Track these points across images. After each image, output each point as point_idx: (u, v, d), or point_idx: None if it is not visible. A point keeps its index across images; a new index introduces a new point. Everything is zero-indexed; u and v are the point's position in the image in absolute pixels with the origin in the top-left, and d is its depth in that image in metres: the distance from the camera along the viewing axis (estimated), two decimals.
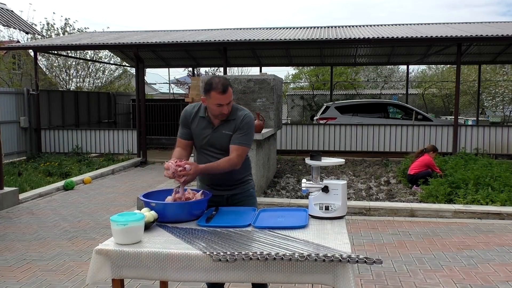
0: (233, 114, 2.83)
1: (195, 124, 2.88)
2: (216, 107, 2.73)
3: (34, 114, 11.74)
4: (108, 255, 2.20)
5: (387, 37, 10.45)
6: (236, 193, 2.95)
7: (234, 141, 2.81)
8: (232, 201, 2.94)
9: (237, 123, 2.82)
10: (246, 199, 2.97)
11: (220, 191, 2.91)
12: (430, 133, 11.15)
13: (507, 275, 4.12)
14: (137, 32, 14.46)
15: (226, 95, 2.71)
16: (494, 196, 6.41)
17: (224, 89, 2.70)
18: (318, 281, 2.11)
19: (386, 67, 29.70)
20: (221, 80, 2.73)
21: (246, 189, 3.00)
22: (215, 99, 2.71)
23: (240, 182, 2.96)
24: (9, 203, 6.78)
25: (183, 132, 2.93)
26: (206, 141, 2.87)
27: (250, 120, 2.86)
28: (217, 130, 2.84)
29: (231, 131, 2.82)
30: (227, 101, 2.73)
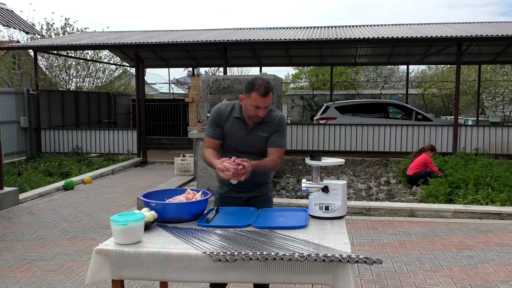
0: (268, 116, 2.80)
1: (229, 124, 2.82)
2: (253, 109, 2.69)
3: (34, 114, 11.74)
4: (108, 255, 2.20)
5: (387, 37, 10.45)
6: (255, 196, 2.92)
7: (273, 143, 2.81)
8: (250, 203, 2.91)
9: (274, 125, 2.81)
10: (264, 202, 2.94)
11: (239, 192, 2.88)
12: (430, 133, 11.15)
13: (507, 275, 4.12)
14: (137, 32, 14.46)
15: (266, 99, 2.66)
16: (494, 196, 6.41)
17: (265, 92, 2.64)
18: (318, 281, 2.11)
19: (386, 67, 29.70)
20: (264, 82, 2.67)
21: (264, 192, 2.98)
22: (254, 100, 2.66)
23: (260, 185, 2.95)
24: (9, 203, 6.78)
25: (215, 132, 2.85)
26: (239, 143, 2.83)
27: (285, 121, 2.88)
28: (252, 132, 2.81)
29: (266, 133, 2.81)
30: (266, 105, 2.69)
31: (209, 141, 2.87)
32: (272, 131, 2.82)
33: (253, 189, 2.91)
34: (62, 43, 12.05)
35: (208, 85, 7.74)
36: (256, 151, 2.84)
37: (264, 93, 2.64)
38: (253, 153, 2.84)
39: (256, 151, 2.84)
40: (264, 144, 2.84)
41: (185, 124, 14.69)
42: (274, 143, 2.82)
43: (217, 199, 3.00)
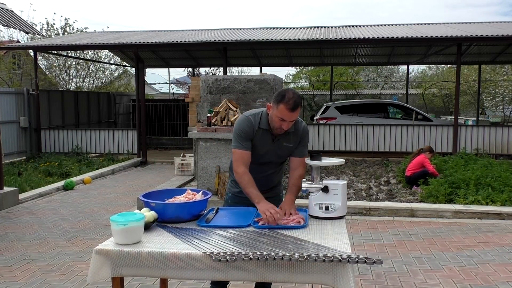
0: (293, 126, 2.79)
1: (258, 136, 2.79)
2: (278, 120, 2.65)
3: (34, 114, 11.74)
4: (108, 255, 2.20)
5: (387, 37, 10.45)
6: (268, 197, 2.86)
7: (298, 153, 2.83)
8: None
9: (299, 136, 2.82)
10: (274, 202, 2.88)
11: None
12: (430, 133, 11.14)
13: (507, 275, 4.12)
14: (137, 32, 14.45)
15: (293, 113, 2.63)
16: (494, 196, 6.41)
17: (294, 106, 2.60)
18: (318, 281, 2.11)
19: (386, 67, 29.69)
20: (295, 97, 2.61)
21: (277, 193, 3.03)
22: (280, 112, 2.61)
23: (274, 187, 3.00)
24: (9, 203, 6.78)
25: (245, 144, 2.76)
26: (265, 154, 2.82)
27: (308, 131, 2.90)
28: (277, 142, 2.81)
29: (291, 143, 2.82)
30: (291, 119, 2.66)
31: (242, 154, 2.75)
32: (297, 141, 2.83)
33: (267, 190, 2.93)
34: (62, 43, 12.05)
35: (208, 85, 7.73)
36: (278, 160, 2.89)
37: (292, 108, 2.59)
38: (275, 162, 2.89)
39: (278, 160, 2.89)
40: (288, 154, 2.86)
41: (185, 124, 14.69)
42: (298, 153, 2.84)
43: (229, 198, 3.03)
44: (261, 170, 2.86)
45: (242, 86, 7.81)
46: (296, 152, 2.84)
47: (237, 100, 7.55)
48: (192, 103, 9.31)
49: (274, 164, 2.91)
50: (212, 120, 6.80)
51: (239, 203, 2.94)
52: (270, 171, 2.93)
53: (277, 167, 2.95)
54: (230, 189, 3.03)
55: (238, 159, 2.76)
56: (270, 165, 2.90)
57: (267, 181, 2.92)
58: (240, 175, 2.73)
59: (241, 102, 7.65)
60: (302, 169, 2.84)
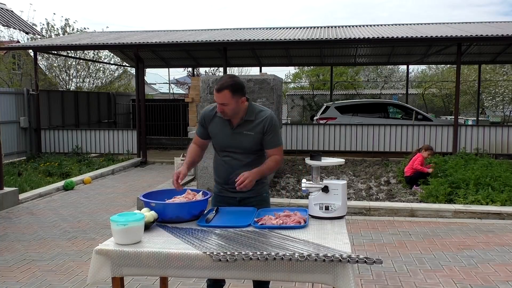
0: (251, 115, 2.81)
1: (214, 124, 2.88)
2: (218, 106, 2.75)
3: (34, 114, 11.74)
4: (108, 255, 2.20)
5: (387, 37, 10.45)
6: (250, 196, 2.90)
7: (269, 145, 2.83)
8: (244, 204, 2.90)
9: (262, 125, 2.80)
10: (259, 203, 2.92)
11: (233, 192, 2.87)
12: (430, 133, 11.14)
13: (507, 275, 4.12)
14: (137, 32, 14.45)
15: (220, 95, 2.68)
16: (494, 196, 6.41)
17: (219, 88, 2.68)
18: (318, 280, 2.11)
19: (386, 67, 29.70)
20: (224, 79, 2.71)
21: (259, 193, 2.95)
22: (214, 97, 2.73)
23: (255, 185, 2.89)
24: (9, 203, 6.77)
25: (200, 131, 2.99)
26: (225, 141, 2.85)
27: (274, 120, 2.86)
28: (237, 130, 2.82)
29: (253, 131, 2.80)
30: (222, 101, 2.70)
31: (196, 138, 3.01)
32: (262, 132, 2.80)
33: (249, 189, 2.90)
34: (62, 43, 12.04)
35: (208, 85, 7.73)
36: (243, 150, 2.84)
37: (217, 89, 2.69)
38: (240, 151, 2.84)
39: (243, 150, 2.84)
40: (251, 143, 2.82)
41: (185, 124, 14.69)
42: (270, 144, 2.83)
43: (213, 198, 3.01)
44: (232, 164, 2.83)
45: None
46: (266, 144, 2.83)
47: None
48: (192, 103, 9.30)
49: (243, 156, 2.83)
50: None
51: (221, 202, 2.92)
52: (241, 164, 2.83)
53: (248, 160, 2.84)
54: (214, 189, 3.03)
55: (194, 139, 3.02)
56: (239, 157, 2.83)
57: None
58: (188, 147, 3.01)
59: None
60: (279, 156, 2.85)
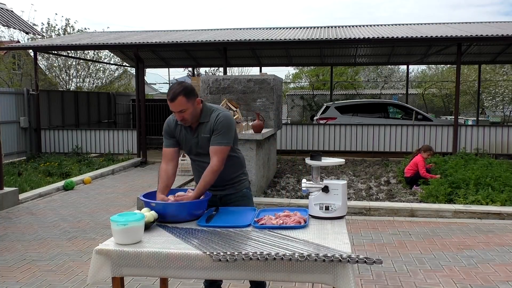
0: (206, 117, 2.82)
1: (178, 132, 2.90)
2: (178, 114, 2.75)
3: (34, 114, 11.74)
4: (108, 255, 2.20)
5: (387, 37, 10.45)
6: (229, 193, 2.93)
7: (212, 143, 2.79)
8: (225, 201, 2.92)
9: (212, 125, 2.80)
10: (239, 200, 2.95)
11: (213, 191, 2.88)
12: (430, 133, 11.14)
13: (507, 275, 4.12)
14: (137, 32, 14.45)
15: (174, 103, 2.69)
16: (494, 196, 6.41)
17: (172, 97, 2.68)
18: (318, 280, 2.11)
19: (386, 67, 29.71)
20: (174, 87, 2.69)
21: (239, 189, 2.97)
22: (170, 107, 2.72)
23: (232, 182, 2.94)
24: (9, 203, 6.77)
25: (167, 142, 2.92)
26: (191, 147, 2.89)
27: (224, 119, 2.80)
28: (196, 134, 2.85)
29: (207, 133, 2.81)
30: (178, 109, 2.70)
31: (165, 151, 2.91)
32: (212, 131, 2.81)
33: (226, 187, 2.92)
34: (62, 43, 12.04)
35: (208, 85, 7.73)
36: (206, 153, 2.84)
37: (171, 98, 2.69)
38: (205, 154, 2.85)
39: (206, 153, 2.84)
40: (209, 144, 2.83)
41: None
42: (212, 143, 2.79)
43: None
44: (203, 165, 2.83)
45: (242, 86, 7.80)
46: (212, 141, 2.80)
47: (237, 100, 7.55)
48: None
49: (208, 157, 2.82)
50: None
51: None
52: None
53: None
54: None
55: (163, 156, 2.94)
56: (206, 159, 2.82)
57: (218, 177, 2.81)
58: (159, 171, 2.94)
59: (241, 102, 7.65)
60: (216, 161, 2.74)
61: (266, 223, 2.50)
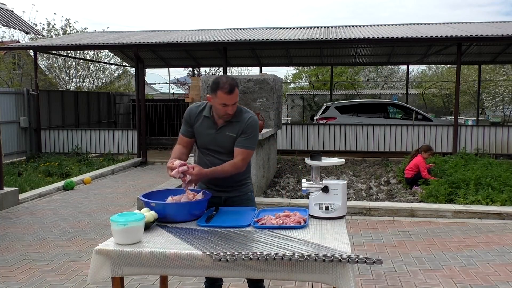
0: (238, 116, 2.82)
1: (199, 123, 2.88)
2: (222, 107, 2.72)
3: (34, 114, 11.74)
4: (108, 255, 2.20)
5: (387, 37, 10.45)
6: (234, 196, 2.93)
7: (238, 144, 2.80)
8: (229, 203, 2.92)
9: (242, 126, 2.81)
10: (243, 202, 2.96)
11: (218, 192, 2.89)
12: (430, 133, 11.14)
13: (507, 275, 4.12)
14: (137, 32, 14.45)
15: (232, 96, 2.69)
16: (494, 196, 6.41)
17: (230, 89, 2.67)
18: (318, 280, 2.11)
19: (386, 67, 29.71)
20: (229, 80, 2.71)
21: (244, 192, 2.98)
22: (221, 99, 2.69)
23: (238, 185, 2.95)
24: (9, 203, 6.77)
25: (185, 130, 2.93)
26: (208, 141, 2.86)
27: (255, 123, 2.85)
28: (221, 131, 2.83)
29: (234, 133, 2.81)
30: (233, 102, 2.71)
31: (180, 138, 2.95)
32: (240, 132, 2.81)
33: (230, 189, 2.92)
34: (62, 43, 12.04)
35: (208, 85, 7.73)
36: (224, 151, 2.84)
37: (229, 91, 2.67)
38: (222, 152, 2.84)
39: (224, 151, 2.84)
40: (232, 144, 2.83)
41: None
42: (239, 144, 2.80)
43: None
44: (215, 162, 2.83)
45: (242, 86, 7.81)
46: (237, 142, 2.81)
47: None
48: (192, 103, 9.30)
49: (225, 156, 2.83)
50: None
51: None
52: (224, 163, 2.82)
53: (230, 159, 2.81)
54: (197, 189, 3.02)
55: (179, 140, 2.96)
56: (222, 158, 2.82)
57: (227, 178, 2.83)
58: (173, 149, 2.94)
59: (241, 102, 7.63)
60: (240, 161, 2.77)
61: (266, 223, 2.50)
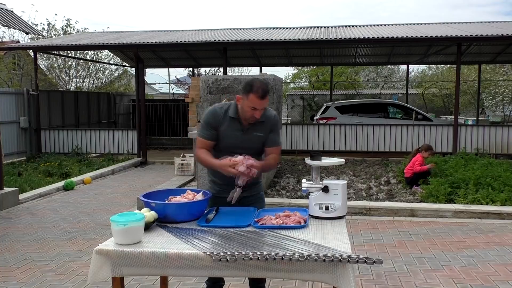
0: (263, 116, 2.82)
1: (225, 125, 2.83)
2: (250, 110, 2.71)
3: (34, 114, 11.74)
4: (108, 255, 2.20)
5: (387, 37, 10.45)
6: (248, 195, 2.93)
7: (271, 143, 2.87)
8: (242, 203, 2.91)
9: (269, 125, 2.85)
10: (256, 201, 2.97)
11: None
12: (430, 133, 11.14)
13: (507, 275, 4.12)
14: (137, 32, 14.45)
15: (264, 101, 2.69)
16: (494, 196, 6.41)
17: (263, 94, 2.67)
18: (319, 279, 2.12)
19: (386, 67, 29.69)
20: (263, 85, 2.69)
21: (257, 192, 3.00)
22: (251, 102, 2.68)
23: (252, 184, 2.94)
24: (9, 204, 6.77)
25: (208, 134, 2.84)
26: (235, 143, 2.83)
27: (278, 119, 2.95)
28: (248, 132, 2.83)
29: (262, 132, 2.84)
30: (262, 107, 2.72)
31: (203, 142, 2.86)
32: (268, 131, 2.84)
33: (246, 188, 2.90)
34: (62, 43, 12.05)
35: (208, 85, 7.73)
36: (252, 151, 2.83)
37: (262, 96, 2.67)
38: (249, 153, 2.82)
39: (252, 151, 2.83)
40: (260, 143, 2.86)
41: (185, 124, 14.69)
42: (272, 142, 2.87)
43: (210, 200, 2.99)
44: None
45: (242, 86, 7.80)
46: (268, 142, 2.86)
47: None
48: (192, 103, 9.30)
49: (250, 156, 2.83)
50: None
51: (219, 204, 2.90)
52: None
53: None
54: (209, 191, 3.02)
55: (199, 145, 2.88)
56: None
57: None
58: (197, 155, 2.88)
59: None
60: (278, 156, 2.91)
61: (266, 223, 2.50)
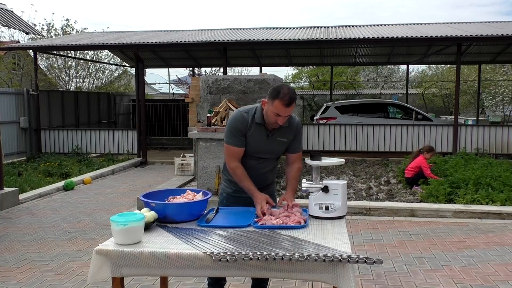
0: (287, 121, 2.82)
1: (252, 131, 2.81)
2: (274, 116, 2.69)
3: (34, 114, 11.74)
4: (108, 255, 2.20)
5: (386, 37, 10.44)
6: None
7: (294, 149, 2.91)
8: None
9: (293, 131, 2.88)
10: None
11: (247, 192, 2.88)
12: (430, 133, 11.14)
13: (507, 274, 4.12)
14: (137, 32, 14.45)
15: (289, 109, 2.66)
16: (494, 196, 6.41)
17: (289, 102, 2.63)
18: (319, 279, 2.12)
19: (386, 67, 29.68)
20: (290, 92, 2.65)
21: (271, 192, 3.03)
22: (277, 108, 2.65)
23: (268, 185, 3.00)
24: (9, 204, 6.77)
25: (239, 141, 2.80)
26: (260, 148, 2.84)
27: (301, 127, 2.98)
28: (272, 137, 2.84)
29: (285, 138, 2.86)
30: (287, 114, 2.70)
31: (235, 151, 2.81)
32: (291, 137, 2.87)
33: (262, 189, 2.92)
34: (62, 44, 12.04)
35: (208, 85, 7.73)
36: (274, 156, 2.92)
37: (288, 103, 2.63)
38: (271, 157, 2.91)
39: (274, 156, 2.92)
40: (282, 148, 2.90)
41: (185, 124, 14.69)
42: (295, 149, 2.93)
43: (224, 198, 3.02)
44: (258, 167, 2.88)
45: (242, 86, 7.80)
46: (292, 148, 2.91)
47: (237, 100, 7.55)
48: (192, 103, 9.31)
49: (270, 161, 2.93)
50: (212, 120, 6.80)
51: (234, 203, 2.94)
52: (267, 168, 2.94)
53: (272, 164, 2.98)
54: (224, 189, 3.03)
55: (230, 154, 2.84)
56: (266, 162, 2.91)
57: (263, 179, 2.93)
58: (233, 169, 2.83)
59: (241, 102, 7.64)
60: (300, 163, 2.96)
61: (266, 223, 2.50)
